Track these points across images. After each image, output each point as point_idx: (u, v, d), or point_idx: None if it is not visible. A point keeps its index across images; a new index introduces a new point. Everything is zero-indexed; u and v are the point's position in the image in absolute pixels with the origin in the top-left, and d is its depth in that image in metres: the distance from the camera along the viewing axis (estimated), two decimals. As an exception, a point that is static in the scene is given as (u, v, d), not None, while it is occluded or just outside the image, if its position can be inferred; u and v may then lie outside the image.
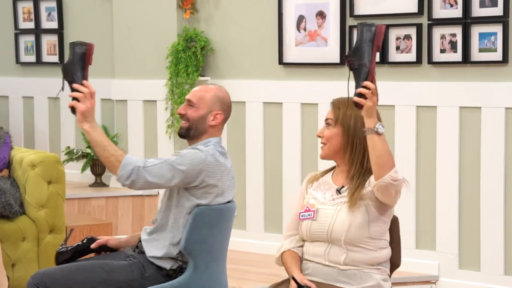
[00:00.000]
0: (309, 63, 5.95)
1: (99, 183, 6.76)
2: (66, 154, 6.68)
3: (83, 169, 6.74)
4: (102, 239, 3.56)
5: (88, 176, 6.83)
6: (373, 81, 3.04)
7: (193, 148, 3.56)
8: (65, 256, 3.53)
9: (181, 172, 3.41)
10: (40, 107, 7.38)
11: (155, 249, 3.49)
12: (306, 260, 3.22)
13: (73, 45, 3.43)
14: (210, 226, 3.52)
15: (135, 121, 6.79)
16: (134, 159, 3.39)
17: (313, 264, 3.19)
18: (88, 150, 6.72)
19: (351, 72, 3.07)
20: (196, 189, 3.48)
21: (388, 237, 3.21)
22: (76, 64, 3.37)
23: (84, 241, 3.56)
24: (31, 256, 5.28)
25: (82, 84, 3.37)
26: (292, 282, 3.11)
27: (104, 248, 3.57)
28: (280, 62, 6.08)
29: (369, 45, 3.04)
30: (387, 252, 3.20)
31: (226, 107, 3.64)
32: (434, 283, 5.52)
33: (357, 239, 3.12)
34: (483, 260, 5.34)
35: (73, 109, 3.40)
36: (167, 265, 3.49)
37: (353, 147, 3.17)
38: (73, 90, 3.38)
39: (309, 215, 3.22)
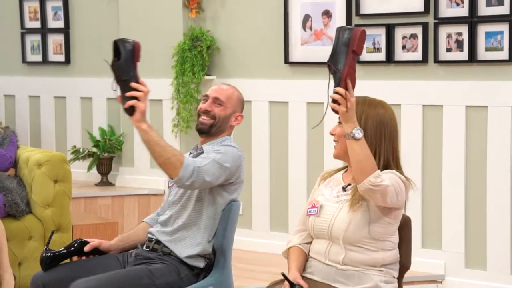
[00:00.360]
0: (315, 62, 5.94)
1: (105, 182, 6.77)
2: (72, 153, 6.68)
3: (89, 168, 6.74)
4: (94, 242, 3.51)
5: (94, 175, 6.83)
6: (347, 86, 3.02)
7: (227, 145, 3.60)
8: (55, 262, 3.40)
9: (226, 169, 3.48)
10: (46, 106, 7.39)
11: (187, 248, 3.50)
12: (311, 257, 3.20)
13: (122, 42, 3.27)
14: (235, 222, 3.63)
15: (141, 120, 6.78)
16: (190, 159, 3.40)
17: (315, 262, 3.17)
18: (94, 149, 6.73)
19: (331, 77, 3.09)
20: (231, 185, 3.56)
21: (395, 239, 3.14)
22: (129, 62, 3.22)
23: (75, 245, 3.47)
24: (37, 255, 5.28)
25: (139, 83, 3.25)
26: (285, 281, 3.09)
27: (95, 252, 3.53)
28: (286, 61, 6.08)
29: (343, 50, 3.03)
30: (392, 254, 3.14)
31: (243, 109, 3.75)
32: (440, 282, 5.51)
33: (355, 239, 3.07)
34: (489, 259, 5.33)
35: (130, 109, 3.23)
36: (200, 263, 3.51)
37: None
38: (128, 89, 3.22)
39: (314, 211, 3.21)
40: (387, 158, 3.15)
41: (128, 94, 3.20)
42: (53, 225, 5.33)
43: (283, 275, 3.09)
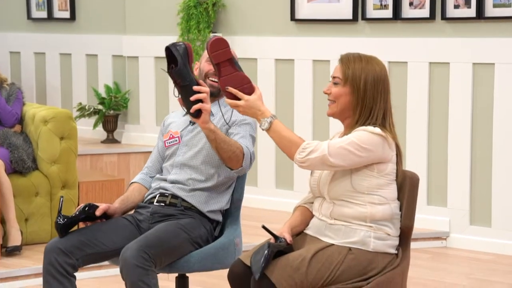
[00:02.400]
0: (321, 19, 5.91)
1: (111, 140, 6.78)
2: (78, 110, 6.68)
3: (95, 125, 6.75)
4: (103, 205, 3.51)
5: (100, 133, 6.84)
6: (231, 94, 3.12)
7: None
8: (71, 227, 3.40)
9: (255, 139, 3.64)
10: (51, 63, 7.37)
11: (209, 203, 3.55)
12: (314, 215, 3.23)
13: (174, 47, 3.30)
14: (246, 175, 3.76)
15: (147, 77, 6.78)
16: (244, 146, 3.50)
17: (314, 218, 3.20)
18: (100, 107, 6.73)
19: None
20: None
21: (387, 194, 3.08)
22: (186, 66, 3.25)
23: (86, 209, 3.46)
24: (44, 211, 5.32)
25: (198, 84, 3.28)
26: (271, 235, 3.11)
27: (102, 215, 3.54)
28: (292, 18, 6.04)
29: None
30: (384, 209, 3.09)
31: None
32: (445, 239, 5.53)
33: (339, 192, 3.07)
34: (494, 216, 5.35)
35: (196, 112, 3.26)
36: (219, 217, 3.58)
37: (362, 107, 3.12)
38: (190, 93, 3.25)
39: (310, 172, 3.24)
40: (383, 114, 3.13)
41: (193, 98, 3.25)
42: (60, 181, 5.35)
43: (264, 227, 3.12)
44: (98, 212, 3.45)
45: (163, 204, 3.54)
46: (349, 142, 3.04)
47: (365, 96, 3.11)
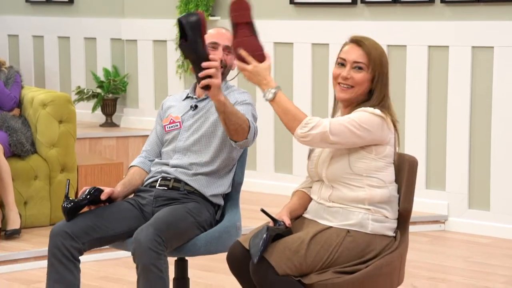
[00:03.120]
0: (321, 3, 5.89)
1: (109, 123, 6.78)
2: (76, 93, 6.68)
3: (94, 109, 6.75)
4: (107, 189, 3.51)
5: (99, 116, 6.84)
6: (241, 57, 3.09)
7: (243, 92, 3.68)
8: (78, 211, 3.39)
9: (257, 119, 3.66)
10: (50, 47, 7.36)
11: (211, 187, 3.55)
12: (312, 199, 3.23)
13: (186, 19, 3.22)
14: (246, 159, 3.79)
15: (145, 61, 6.77)
16: (250, 119, 3.50)
17: (312, 202, 3.20)
18: (99, 90, 6.72)
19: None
20: None
21: (385, 177, 3.08)
22: (196, 40, 3.18)
23: (92, 192, 3.45)
24: (43, 195, 5.33)
25: (208, 59, 3.20)
26: (270, 218, 3.12)
27: (106, 200, 3.54)
28: (291, 1, 6.03)
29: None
30: (382, 192, 3.08)
31: None
32: (443, 222, 5.55)
33: (338, 175, 3.07)
34: (492, 199, 5.36)
35: (206, 86, 3.22)
36: (221, 201, 3.58)
37: (379, 92, 3.08)
38: (199, 69, 3.18)
39: (308, 156, 3.24)
40: (383, 98, 3.12)
41: (201, 74, 3.20)
42: (59, 165, 5.35)
43: (263, 210, 3.12)
44: (103, 196, 3.44)
45: (165, 188, 3.54)
46: (349, 121, 3.03)
47: (385, 82, 3.11)
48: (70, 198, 3.35)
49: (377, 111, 3.06)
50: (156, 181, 3.57)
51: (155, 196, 3.53)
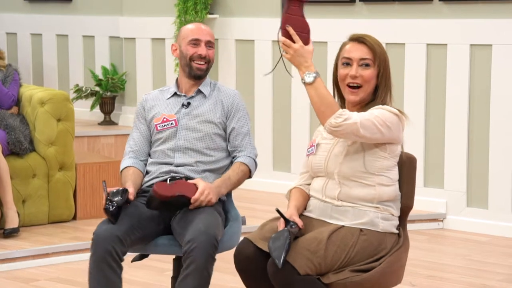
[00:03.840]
0: (319, 1, 5.89)
1: (108, 121, 6.77)
2: (75, 92, 6.67)
3: (92, 107, 6.74)
4: (131, 190, 3.50)
5: (97, 114, 6.84)
6: (288, 33, 3.03)
7: (230, 93, 3.70)
8: (120, 213, 3.32)
9: None
10: (48, 44, 7.35)
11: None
12: (311, 196, 3.22)
13: None
14: None
15: (144, 59, 6.77)
16: None
17: (314, 200, 3.18)
18: (97, 88, 6.72)
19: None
20: None
21: (393, 175, 3.12)
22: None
23: (125, 192, 3.43)
24: (41, 193, 5.33)
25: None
26: (281, 218, 3.11)
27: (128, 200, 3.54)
28: (290, -1, 6.01)
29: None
30: (390, 190, 3.11)
31: None
32: (442, 220, 5.55)
33: (350, 172, 3.07)
34: (490, 197, 5.36)
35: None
36: (224, 196, 3.61)
37: (384, 89, 3.10)
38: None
39: (312, 150, 3.22)
40: (386, 93, 3.14)
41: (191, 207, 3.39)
42: (57, 163, 5.35)
43: (278, 211, 3.11)
44: (131, 197, 3.42)
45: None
46: (374, 116, 3.04)
47: (388, 76, 3.13)
48: (113, 200, 3.29)
49: (395, 110, 3.09)
50: (165, 180, 3.57)
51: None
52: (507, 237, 5.28)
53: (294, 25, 3.04)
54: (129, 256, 3.45)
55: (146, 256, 3.58)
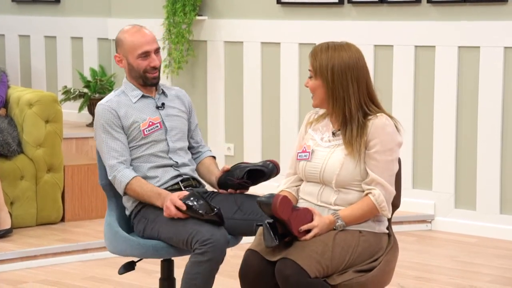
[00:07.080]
0: (308, 2, 5.89)
1: (96, 123, 6.75)
2: (63, 93, 6.65)
3: (80, 108, 6.72)
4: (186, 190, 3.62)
5: (85, 116, 6.82)
6: (303, 232, 3.06)
7: (177, 93, 3.75)
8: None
9: None
10: (36, 46, 7.33)
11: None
12: (302, 198, 3.23)
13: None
14: None
15: (132, 60, 6.75)
16: None
17: (307, 203, 3.20)
18: (85, 90, 6.70)
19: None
20: None
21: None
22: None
23: (197, 193, 3.45)
24: (29, 195, 5.31)
25: None
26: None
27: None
28: (278, 1, 6.03)
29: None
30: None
31: None
32: (430, 222, 5.56)
33: (347, 182, 3.11)
34: (479, 199, 5.38)
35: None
36: None
37: (333, 98, 3.13)
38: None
39: (305, 156, 3.22)
40: (360, 103, 3.13)
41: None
42: (45, 165, 5.34)
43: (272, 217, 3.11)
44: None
45: (191, 188, 3.57)
46: (389, 160, 3.12)
47: (334, 86, 3.12)
48: (209, 203, 3.37)
49: (399, 138, 3.15)
50: (176, 183, 3.57)
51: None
52: (495, 238, 5.29)
53: (301, 223, 3.07)
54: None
55: (133, 268, 3.56)
